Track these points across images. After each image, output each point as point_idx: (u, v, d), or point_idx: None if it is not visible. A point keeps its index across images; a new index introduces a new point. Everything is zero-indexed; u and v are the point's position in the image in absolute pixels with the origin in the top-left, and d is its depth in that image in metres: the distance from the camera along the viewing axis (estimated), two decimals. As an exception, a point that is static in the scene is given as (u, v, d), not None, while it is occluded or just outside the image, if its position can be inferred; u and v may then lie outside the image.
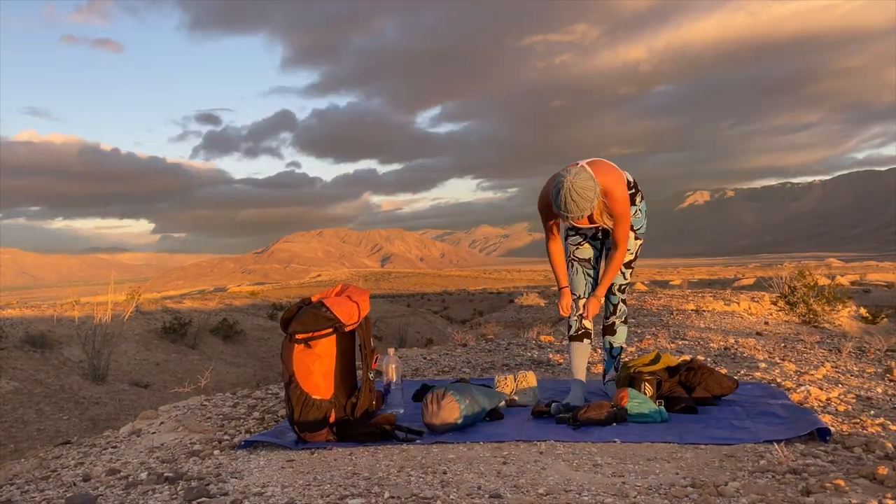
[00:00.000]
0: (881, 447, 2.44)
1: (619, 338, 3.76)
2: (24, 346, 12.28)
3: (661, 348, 5.57)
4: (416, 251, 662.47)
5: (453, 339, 7.38)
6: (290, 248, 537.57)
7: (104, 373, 11.25)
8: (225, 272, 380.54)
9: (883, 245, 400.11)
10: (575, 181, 3.18)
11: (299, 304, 3.13)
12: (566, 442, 2.81)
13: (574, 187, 3.17)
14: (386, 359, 3.61)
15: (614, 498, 2.08)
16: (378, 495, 2.19)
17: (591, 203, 3.22)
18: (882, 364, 5.13)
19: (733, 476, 2.26)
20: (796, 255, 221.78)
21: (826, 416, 3.05)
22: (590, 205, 3.22)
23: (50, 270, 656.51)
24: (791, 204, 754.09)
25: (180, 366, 14.22)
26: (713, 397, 3.43)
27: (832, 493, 1.98)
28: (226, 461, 2.73)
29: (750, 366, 4.58)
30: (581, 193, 3.17)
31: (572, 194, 3.17)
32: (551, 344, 6.25)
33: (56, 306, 17.73)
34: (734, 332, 7.00)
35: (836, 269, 53.97)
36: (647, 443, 2.76)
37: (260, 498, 2.23)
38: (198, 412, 3.73)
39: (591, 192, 3.21)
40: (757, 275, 32.91)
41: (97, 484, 2.54)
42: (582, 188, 3.18)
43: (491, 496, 2.13)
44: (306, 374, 2.99)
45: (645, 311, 9.84)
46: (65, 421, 8.35)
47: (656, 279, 43.71)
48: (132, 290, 19.44)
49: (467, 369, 5.03)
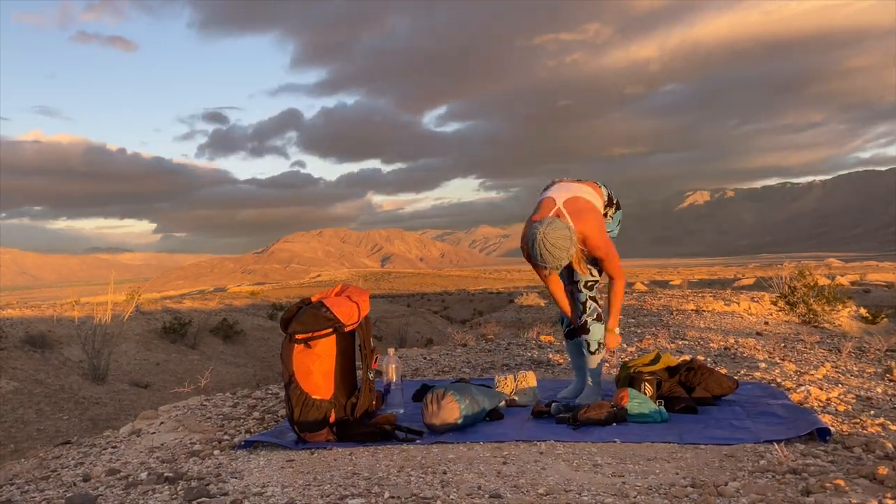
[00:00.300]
0: (881, 447, 2.44)
1: (595, 335, 3.67)
2: (24, 346, 12.28)
3: (661, 348, 5.57)
4: (416, 251, 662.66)
5: (453, 339, 7.38)
6: (290, 248, 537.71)
7: (104, 373, 11.25)
8: (225, 272, 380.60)
9: (883, 245, 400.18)
10: (547, 233, 3.17)
11: (299, 305, 3.13)
12: (566, 442, 2.81)
13: (547, 239, 3.16)
14: (386, 359, 3.61)
15: (614, 498, 2.08)
16: (378, 495, 2.19)
17: (568, 252, 3.21)
18: (882, 364, 5.14)
19: (733, 476, 2.26)
20: (796, 255, 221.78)
21: (826, 416, 3.05)
22: (566, 254, 3.21)
23: (50, 270, 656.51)
24: (791, 204, 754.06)
25: (180, 366, 14.22)
26: (713, 397, 3.43)
27: (832, 493, 1.98)
28: (226, 461, 2.73)
29: (750, 366, 4.58)
30: (555, 244, 3.17)
31: (546, 245, 3.17)
32: (551, 344, 6.25)
33: (56, 306, 17.73)
34: (734, 332, 7.00)
35: (836, 269, 53.97)
36: (647, 443, 2.76)
37: (260, 498, 2.23)
38: (198, 412, 3.73)
39: (567, 242, 3.20)
40: (757, 275, 32.92)
41: (97, 484, 2.54)
42: (555, 239, 3.17)
43: (491, 496, 2.13)
44: (306, 374, 2.99)
45: (645, 311, 9.84)
46: (65, 421, 8.35)
47: (656, 279, 43.72)
48: (132, 291, 19.43)
49: (467, 369, 5.03)
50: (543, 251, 3.19)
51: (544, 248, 3.18)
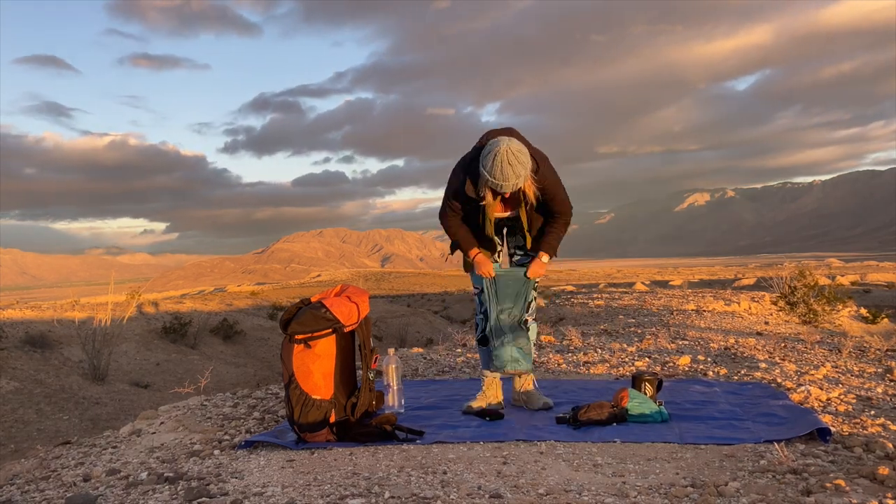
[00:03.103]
0: (881, 447, 2.44)
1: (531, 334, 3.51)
2: (25, 347, 12.28)
3: (662, 348, 5.57)
4: (416, 251, 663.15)
5: (453, 338, 7.37)
6: (290, 248, 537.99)
7: (104, 373, 11.25)
8: (225, 272, 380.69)
9: (883, 245, 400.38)
10: (511, 146, 3.05)
11: (299, 305, 3.13)
12: (566, 442, 2.81)
13: (511, 151, 3.04)
14: (386, 359, 3.61)
15: (614, 498, 2.08)
16: (378, 495, 2.19)
17: (527, 169, 3.09)
18: (882, 364, 5.13)
19: (733, 476, 2.25)
20: (796, 255, 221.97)
21: (826, 416, 3.05)
22: (525, 171, 3.08)
23: (50, 270, 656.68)
24: (791, 204, 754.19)
25: (180, 366, 14.22)
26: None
27: (832, 493, 1.98)
28: (226, 461, 2.73)
29: (750, 366, 4.58)
30: (518, 158, 3.05)
31: (509, 158, 3.03)
32: (551, 344, 6.25)
33: (56, 307, 17.74)
34: (734, 332, 7.00)
35: (837, 269, 54.00)
36: (648, 443, 2.76)
37: (260, 498, 2.23)
38: (198, 412, 3.74)
39: (526, 157, 3.09)
40: (757, 275, 32.93)
41: (97, 484, 2.54)
42: (518, 152, 3.06)
43: (491, 496, 2.13)
44: (306, 375, 2.99)
45: (645, 311, 9.84)
46: (65, 421, 8.36)
47: (656, 279, 43.72)
48: (132, 291, 19.44)
49: (467, 369, 5.03)
50: (505, 165, 3.02)
51: (507, 161, 3.02)
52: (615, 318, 8.85)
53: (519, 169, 3.06)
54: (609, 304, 11.36)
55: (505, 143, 3.06)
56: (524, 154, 3.09)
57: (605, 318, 9.12)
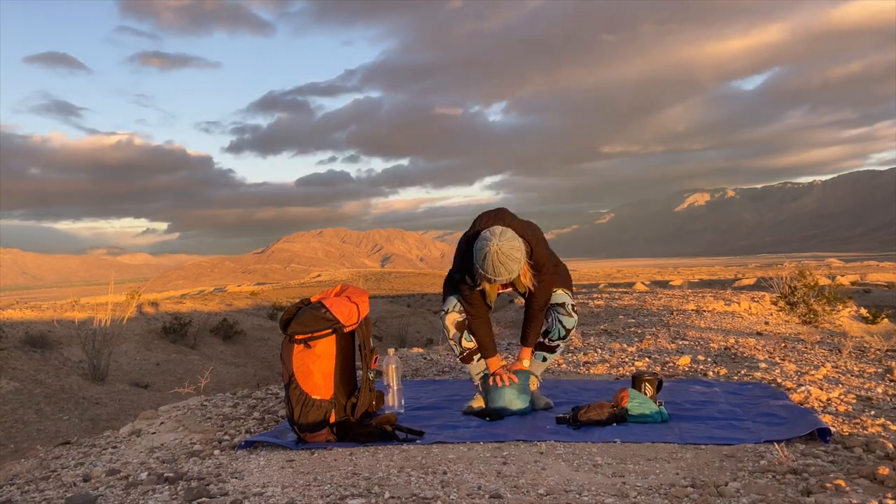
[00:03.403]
0: (882, 447, 2.44)
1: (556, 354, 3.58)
2: (25, 347, 12.29)
3: (662, 348, 5.57)
4: (416, 251, 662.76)
5: (453, 339, 7.36)
6: (290, 248, 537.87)
7: (104, 373, 11.26)
8: (225, 272, 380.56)
9: (883, 245, 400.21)
10: (502, 244, 3.07)
11: (298, 305, 3.13)
12: (566, 442, 2.81)
13: (502, 251, 3.06)
14: (386, 359, 3.61)
15: (614, 498, 2.08)
16: (378, 495, 2.19)
17: (520, 263, 3.14)
18: (882, 364, 5.13)
19: (733, 476, 2.25)
20: (796, 255, 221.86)
21: (826, 417, 3.04)
22: (518, 266, 3.12)
23: (50, 270, 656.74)
24: (791, 204, 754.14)
25: (180, 366, 14.22)
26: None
27: (832, 493, 1.98)
28: (226, 461, 2.73)
29: (750, 366, 4.58)
30: (509, 255, 3.08)
31: (500, 258, 3.06)
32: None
33: (56, 307, 17.74)
34: (734, 332, 6.99)
35: (837, 269, 54.00)
36: (648, 443, 2.76)
37: (260, 498, 2.23)
38: (198, 412, 3.73)
39: (519, 253, 3.12)
40: (757, 275, 32.94)
41: (97, 484, 2.54)
42: (510, 249, 3.08)
43: (491, 496, 2.13)
44: (306, 375, 2.99)
45: (645, 311, 9.83)
46: (65, 421, 8.36)
47: (656, 279, 43.73)
48: (132, 291, 19.44)
49: (467, 369, 5.02)
50: (497, 264, 3.07)
51: (498, 259, 3.06)
52: (615, 318, 8.85)
53: (511, 265, 3.10)
54: (609, 304, 11.36)
55: (494, 243, 3.07)
56: (516, 250, 3.11)
57: (605, 318, 9.12)
